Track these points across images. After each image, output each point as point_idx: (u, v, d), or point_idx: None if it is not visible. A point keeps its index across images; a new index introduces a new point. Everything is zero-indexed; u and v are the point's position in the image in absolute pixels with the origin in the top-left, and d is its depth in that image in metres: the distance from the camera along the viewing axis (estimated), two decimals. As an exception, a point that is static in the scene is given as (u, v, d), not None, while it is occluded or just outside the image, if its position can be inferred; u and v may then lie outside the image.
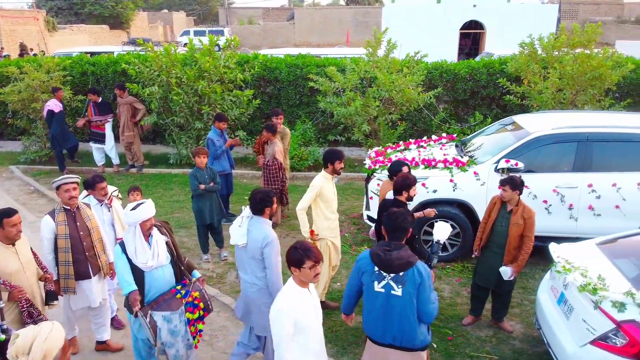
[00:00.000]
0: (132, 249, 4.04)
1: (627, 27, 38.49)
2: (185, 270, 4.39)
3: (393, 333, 3.54)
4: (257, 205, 4.16)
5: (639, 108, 10.97)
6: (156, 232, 4.20)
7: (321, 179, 5.27)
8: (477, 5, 21.29)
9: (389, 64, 9.51)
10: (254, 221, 4.18)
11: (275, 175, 7.45)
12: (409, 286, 3.43)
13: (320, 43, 37.64)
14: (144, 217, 4.02)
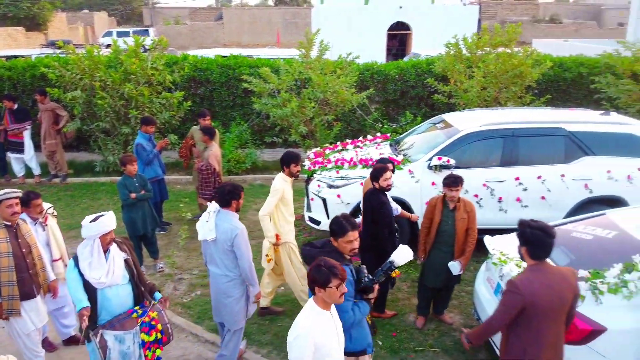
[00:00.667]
0: (86, 263, 3.78)
1: (542, 26, 41.13)
2: (147, 292, 4.07)
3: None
4: (224, 198, 4.28)
5: (558, 103, 11.74)
6: (115, 248, 3.93)
7: (282, 182, 5.21)
8: (403, 7, 21.90)
9: (322, 65, 9.55)
10: (221, 214, 4.29)
11: (207, 181, 7.25)
12: None
13: (250, 43, 37.27)
14: (104, 229, 3.79)
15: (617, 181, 6.65)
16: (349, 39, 19.72)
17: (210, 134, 7.33)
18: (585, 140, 6.74)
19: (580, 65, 11.94)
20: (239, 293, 4.38)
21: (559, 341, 3.35)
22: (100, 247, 3.81)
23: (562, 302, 3.25)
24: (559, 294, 3.24)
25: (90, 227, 3.76)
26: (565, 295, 3.26)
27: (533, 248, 3.31)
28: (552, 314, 3.25)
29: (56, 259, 4.84)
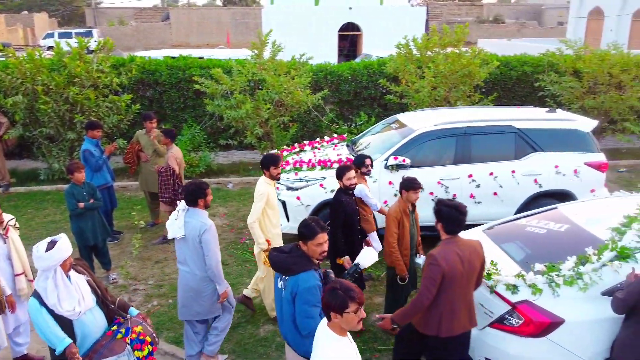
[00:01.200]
0: (54, 298, 3.40)
1: (486, 27, 42.57)
2: (117, 309, 3.82)
3: (284, 331, 3.59)
4: (190, 197, 4.31)
5: (504, 102, 12.14)
6: (73, 272, 3.60)
7: (265, 186, 5.10)
8: (353, 8, 22.10)
9: (275, 66, 9.47)
10: (190, 212, 4.33)
11: (167, 183, 7.05)
12: (287, 292, 3.43)
13: (199, 44, 36.63)
14: (62, 256, 3.43)
15: (564, 176, 6.92)
16: (300, 40, 19.70)
17: (171, 135, 7.17)
18: (534, 137, 6.98)
19: (524, 64, 12.37)
20: (210, 289, 4.44)
21: (471, 306, 3.80)
22: (64, 276, 3.46)
23: (472, 269, 3.72)
24: (469, 262, 3.69)
25: (47, 256, 3.36)
26: (474, 264, 3.73)
27: (447, 224, 3.73)
28: (464, 280, 3.67)
29: (18, 274, 4.54)
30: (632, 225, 4.15)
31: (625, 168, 10.97)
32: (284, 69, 9.39)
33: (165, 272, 6.60)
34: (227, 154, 11.57)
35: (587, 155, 7.01)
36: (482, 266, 3.82)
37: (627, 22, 26.67)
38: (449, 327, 3.71)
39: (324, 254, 3.51)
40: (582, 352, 3.77)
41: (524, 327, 3.83)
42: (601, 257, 3.94)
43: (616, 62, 10.13)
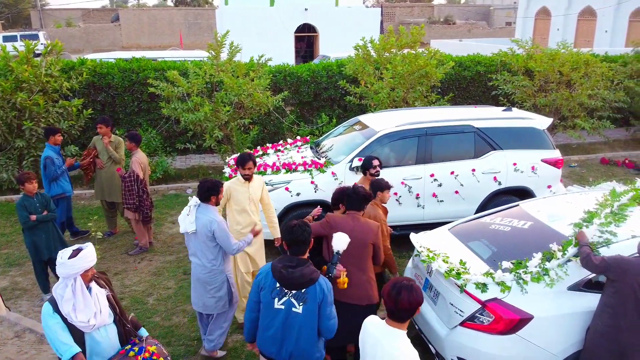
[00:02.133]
0: (69, 306, 3.26)
1: (438, 27, 43.51)
2: (132, 328, 3.64)
3: (290, 349, 3.43)
4: (204, 194, 4.53)
5: (460, 101, 12.40)
6: (94, 285, 3.45)
7: (233, 181, 5.21)
8: (309, 9, 22.07)
9: (234, 68, 9.30)
10: (201, 208, 4.55)
11: (130, 189, 6.80)
12: (311, 303, 3.35)
13: (151, 45, 35.74)
14: (86, 265, 3.29)
15: (522, 173, 7.12)
16: (256, 41, 19.52)
17: (136, 140, 6.95)
18: (492, 135, 7.14)
19: (477, 64, 12.69)
20: (219, 282, 4.63)
21: (363, 282, 4.23)
22: (83, 286, 3.32)
23: (362, 244, 4.20)
24: (360, 236, 4.18)
25: (69, 264, 3.23)
26: (365, 241, 4.20)
27: (348, 203, 4.37)
28: (355, 251, 4.13)
29: None
30: (593, 221, 4.28)
31: (577, 163, 11.43)
32: (242, 70, 9.23)
33: (125, 284, 6.35)
34: (185, 159, 11.30)
35: (544, 152, 7.23)
36: (376, 246, 4.28)
37: (573, 21, 27.91)
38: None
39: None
40: (552, 347, 3.86)
41: (494, 325, 3.88)
42: (566, 252, 4.04)
43: (566, 60, 10.51)
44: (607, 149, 12.40)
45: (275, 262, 3.48)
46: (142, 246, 7.16)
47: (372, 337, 2.90)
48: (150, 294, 6.11)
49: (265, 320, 3.48)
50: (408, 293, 2.76)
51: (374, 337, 2.88)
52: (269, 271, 3.46)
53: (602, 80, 10.47)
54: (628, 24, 25.05)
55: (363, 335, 3.02)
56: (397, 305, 2.76)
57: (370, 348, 2.91)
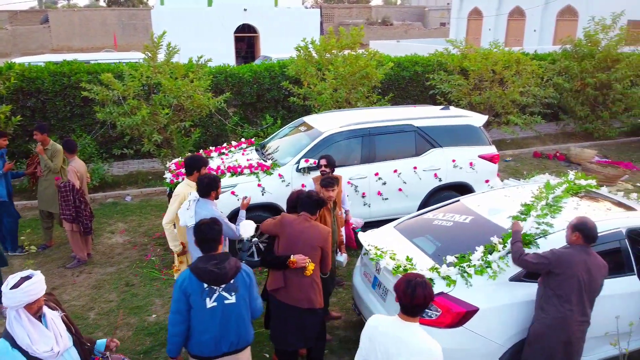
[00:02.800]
0: (25, 339, 2.98)
1: (376, 28, 44.29)
2: (91, 347, 3.44)
3: (230, 340, 3.54)
4: (204, 189, 4.67)
5: (399, 101, 12.67)
6: (47, 309, 3.17)
7: (185, 187, 5.02)
8: (248, 9, 21.85)
9: (172, 69, 9.04)
10: (200, 203, 4.67)
11: (66, 199, 6.46)
12: (242, 290, 3.55)
13: (83, 47, 34.24)
14: (29, 299, 2.98)
15: (461, 169, 7.37)
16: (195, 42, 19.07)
17: (69, 148, 6.61)
18: (432, 134, 7.34)
19: (415, 64, 13.03)
20: None
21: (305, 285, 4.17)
22: (29, 317, 3.04)
23: (310, 246, 4.19)
24: (309, 238, 4.19)
25: (12, 295, 2.94)
26: (313, 243, 4.20)
27: (301, 205, 4.38)
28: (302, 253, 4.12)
29: None
30: (530, 213, 4.49)
31: (511, 157, 11.97)
32: (181, 71, 8.99)
33: (63, 299, 6.02)
34: (122, 164, 10.88)
35: (481, 149, 7.51)
36: (325, 251, 4.29)
37: (504, 21, 29.23)
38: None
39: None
40: (498, 337, 4.00)
41: (442, 319, 3.97)
42: (506, 245, 4.20)
43: (498, 59, 10.98)
44: (539, 143, 13.07)
45: (197, 266, 3.48)
46: (80, 259, 6.83)
47: (386, 337, 2.96)
48: (91, 309, 5.84)
49: (200, 324, 3.48)
50: (423, 289, 2.91)
51: (390, 336, 2.95)
52: (191, 276, 3.46)
53: (533, 78, 11.02)
54: (555, 23, 26.53)
55: (372, 336, 3.03)
56: (413, 302, 2.90)
57: (387, 347, 2.94)
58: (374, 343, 3.01)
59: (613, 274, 4.48)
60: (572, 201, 4.94)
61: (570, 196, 5.02)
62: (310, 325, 4.31)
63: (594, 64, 12.60)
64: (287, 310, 4.26)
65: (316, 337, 4.42)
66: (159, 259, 6.95)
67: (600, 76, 12.39)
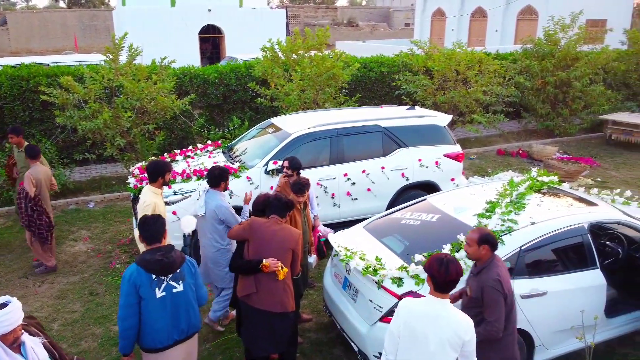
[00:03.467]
0: None
1: (342, 29, 44.47)
2: None
3: (181, 328, 3.65)
4: (214, 180, 4.98)
5: (366, 101, 12.74)
6: (26, 337, 2.94)
7: (152, 195, 4.86)
8: (212, 10, 21.60)
9: (134, 71, 8.85)
10: (210, 193, 4.99)
11: (20, 206, 6.25)
12: (188, 278, 3.69)
13: (43, 49, 33.21)
14: (4, 329, 2.76)
15: (427, 168, 7.46)
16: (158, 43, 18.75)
17: (31, 154, 6.44)
18: (398, 134, 7.42)
19: (381, 64, 13.13)
20: (225, 260, 4.91)
21: (278, 289, 4.14)
22: (5, 349, 2.79)
23: (282, 249, 4.16)
24: (281, 241, 4.18)
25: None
26: (285, 246, 4.19)
27: (270, 208, 4.34)
28: (274, 256, 4.11)
29: None
30: (495, 210, 4.57)
31: (476, 155, 12.20)
32: (144, 73, 8.80)
33: (25, 310, 5.77)
34: (84, 170, 10.58)
35: (446, 148, 7.63)
36: (295, 253, 4.26)
37: (466, 21, 29.78)
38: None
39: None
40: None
41: (412, 318, 3.99)
42: (472, 242, 4.26)
43: (461, 59, 11.17)
44: (502, 140, 13.36)
45: (143, 258, 3.57)
46: (48, 266, 6.64)
47: (424, 317, 3.13)
48: (55, 320, 5.65)
49: (151, 315, 3.55)
50: (454, 265, 3.15)
51: (429, 315, 3.12)
52: (138, 269, 3.55)
53: (495, 77, 11.26)
54: (516, 23, 27.17)
55: (407, 320, 3.16)
56: (447, 278, 3.11)
57: (426, 325, 3.11)
58: (410, 326, 3.14)
59: (577, 268, 4.62)
60: (535, 198, 5.06)
61: (533, 193, 5.14)
62: (283, 330, 4.27)
63: (554, 63, 12.97)
64: (258, 315, 4.21)
65: (288, 342, 4.39)
66: (124, 266, 6.76)
67: (560, 75, 12.76)
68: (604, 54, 13.10)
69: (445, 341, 3.06)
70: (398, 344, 3.20)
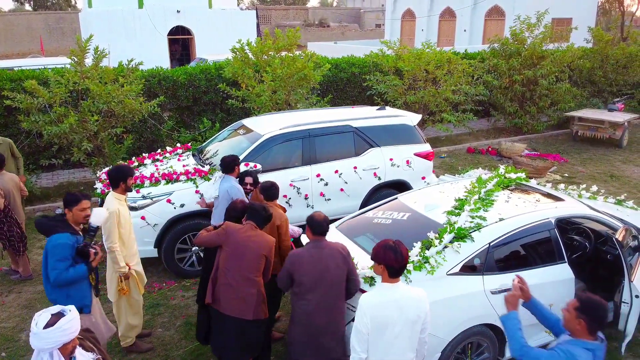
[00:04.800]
0: None
1: (314, 30, 44.51)
2: None
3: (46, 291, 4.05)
4: (227, 166, 5.64)
5: (339, 102, 12.77)
6: (79, 351, 2.84)
7: (115, 202, 4.66)
8: (181, 11, 21.35)
9: (100, 74, 8.67)
10: (225, 178, 5.61)
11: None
12: (44, 255, 3.95)
13: (7, 53, 32.28)
14: (64, 339, 2.67)
15: (399, 167, 7.52)
16: (126, 45, 18.48)
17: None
18: (369, 134, 7.45)
19: (352, 65, 13.16)
20: None
21: (250, 295, 4.11)
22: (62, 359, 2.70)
23: (255, 255, 4.13)
24: (255, 246, 4.14)
25: (44, 335, 2.62)
26: (258, 252, 4.13)
27: (250, 214, 4.37)
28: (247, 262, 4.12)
29: None
30: (464, 207, 4.62)
31: (446, 154, 12.35)
32: (110, 76, 8.63)
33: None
34: (51, 175, 10.31)
35: (416, 147, 7.70)
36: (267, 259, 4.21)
37: (435, 22, 30.15)
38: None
39: (87, 218, 4.08)
40: (439, 331, 4.07)
41: (384, 317, 4.00)
42: (442, 239, 4.31)
43: (431, 59, 11.30)
44: (472, 139, 13.57)
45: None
46: (22, 274, 6.49)
47: (387, 306, 3.22)
48: (22, 330, 5.48)
49: None
50: (404, 247, 3.34)
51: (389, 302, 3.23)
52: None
53: (464, 76, 11.41)
54: (484, 23, 27.64)
55: (373, 315, 3.20)
56: (402, 263, 3.28)
57: (390, 314, 3.21)
58: (376, 319, 3.20)
59: (545, 263, 4.71)
60: (503, 194, 5.15)
61: (501, 190, 5.22)
62: (256, 337, 4.22)
63: (521, 62, 13.23)
64: (229, 322, 4.14)
65: (262, 347, 4.34)
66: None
67: (527, 73, 13.03)
68: (569, 52, 13.43)
69: (409, 321, 3.24)
70: (368, 340, 3.21)
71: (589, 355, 2.87)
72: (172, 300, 6.08)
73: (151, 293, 6.17)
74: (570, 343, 2.95)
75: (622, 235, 4.72)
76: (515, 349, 3.09)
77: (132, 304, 4.96)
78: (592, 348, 2.90)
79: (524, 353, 3.02)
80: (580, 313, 2.93)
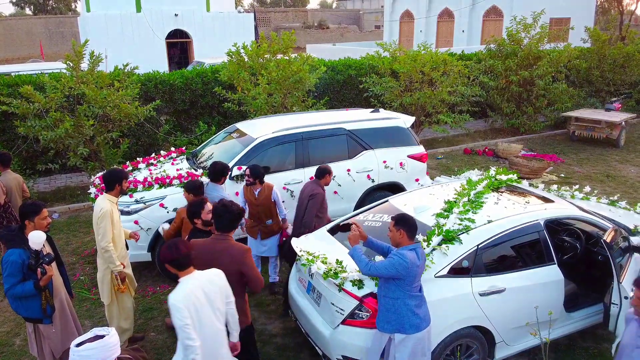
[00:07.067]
0: None
1: (313, 32, 44.57)
2: None
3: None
4: (216, 174, 5.65)
5: (336, 104, 12.79)
6: None
7: (108, 203, 4.67)
8: (179, 15, 21.41)
9: (96, 79, 8.71)
10: (210, 186, 5.57)
11: None
12: None
13: (8, 58, 32.40)
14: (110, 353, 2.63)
15: (392, 169, 7.54)
16: (125, 49, 18.54)
17: (2, 160, 6.44)
18: (362, 136, 7.48)
19: (349, 67, 13.19)
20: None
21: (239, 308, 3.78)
22: None
23: (229, 272, 3.63)
24: (225, 263, 3.72)
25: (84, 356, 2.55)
26: (230, 268, 3.70)
27: (217, 222, 3.93)
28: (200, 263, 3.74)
29: None
30: (452, 210, 4.64)
31: (443, 155, 12.36)
32: (106, 80, 8.68)
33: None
34: (48, 180, 10.35)
35: (410, 149, 7.73)
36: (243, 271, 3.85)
37: (434, 23, 30.15)
38: None
39: (48, 226, 4.18)
40: (425, 333, 4.09)
41: (372, 319, 4.02)
42: (430, 242, 4.33)
43: (426, 61, 11.31)
44: (468, 140, 13.57)
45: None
46: None
47: (201, 290, 3.38)
48: (17, 334, 5.51)
49: None
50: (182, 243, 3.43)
51: (201, 286, 3.39)
52: None
53: (460, 77, 11.43)
54: (482, 23, 27.63)
55: (195, 305, 3.30)
56: (176, 256, 3.35)
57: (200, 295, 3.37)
58: (198, 307, 3.31)
59: (534, 264, 4.72)
60: (493, 196, 5.16)
61: (490, 192, 5.23)
62: (249, 344, 4.16)
63: (517, 62, 13.24)
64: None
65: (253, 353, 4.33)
66: (88, 278, 6.64)
67: (523, 73, 13.04)
68: (566, 52, 13.43)
69: (210, 299, 3.41)
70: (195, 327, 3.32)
71: (413, 253, 3.78)
72: (165, 304, 6.10)
73: (145, 297, 6.20)
74: (399, 249, 3.86)
75: (610, 237, 4.73)
76: (363, 267, 3.88)
77: (123, 308, 4.99)
78: (413, 247, 3.84)
79: (370, 267, 3.84)
80: (398, 226, 3.88)
